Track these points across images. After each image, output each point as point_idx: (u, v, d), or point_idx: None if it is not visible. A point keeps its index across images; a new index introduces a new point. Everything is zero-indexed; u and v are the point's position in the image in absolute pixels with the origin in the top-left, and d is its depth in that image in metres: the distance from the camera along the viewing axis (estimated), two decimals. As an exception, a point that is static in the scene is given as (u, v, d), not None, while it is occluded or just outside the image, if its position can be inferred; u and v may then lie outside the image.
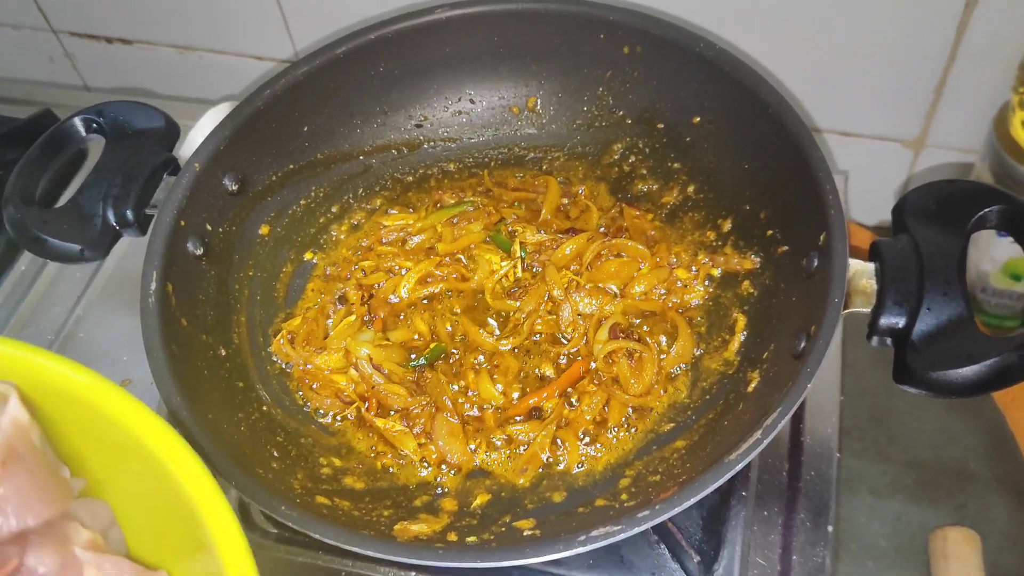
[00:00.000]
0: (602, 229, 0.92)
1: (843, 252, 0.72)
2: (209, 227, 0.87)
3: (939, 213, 0.72)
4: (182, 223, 0.83)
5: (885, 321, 0.70)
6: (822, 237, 0.74)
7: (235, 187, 0.89)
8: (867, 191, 1.10)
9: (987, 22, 0.92)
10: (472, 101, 1.00)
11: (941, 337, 0.67)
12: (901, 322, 0.69)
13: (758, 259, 0.85)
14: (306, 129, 0.94)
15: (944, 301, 0.68)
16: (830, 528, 0.82)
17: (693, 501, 0.64)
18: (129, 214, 0.83)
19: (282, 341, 0.88)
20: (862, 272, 0.73)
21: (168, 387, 0.72)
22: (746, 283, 0.86)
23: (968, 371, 0.65)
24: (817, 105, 1.06)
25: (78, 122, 0.88)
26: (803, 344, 0.72)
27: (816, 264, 0.75)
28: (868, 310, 0.71)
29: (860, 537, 0.98)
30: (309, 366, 0.86)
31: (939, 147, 1.07)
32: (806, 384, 0.67)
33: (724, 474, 0.65)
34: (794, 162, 0.79)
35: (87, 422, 0.63)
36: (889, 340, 0.70)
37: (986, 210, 0.71)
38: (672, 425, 0.81)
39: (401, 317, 0.89)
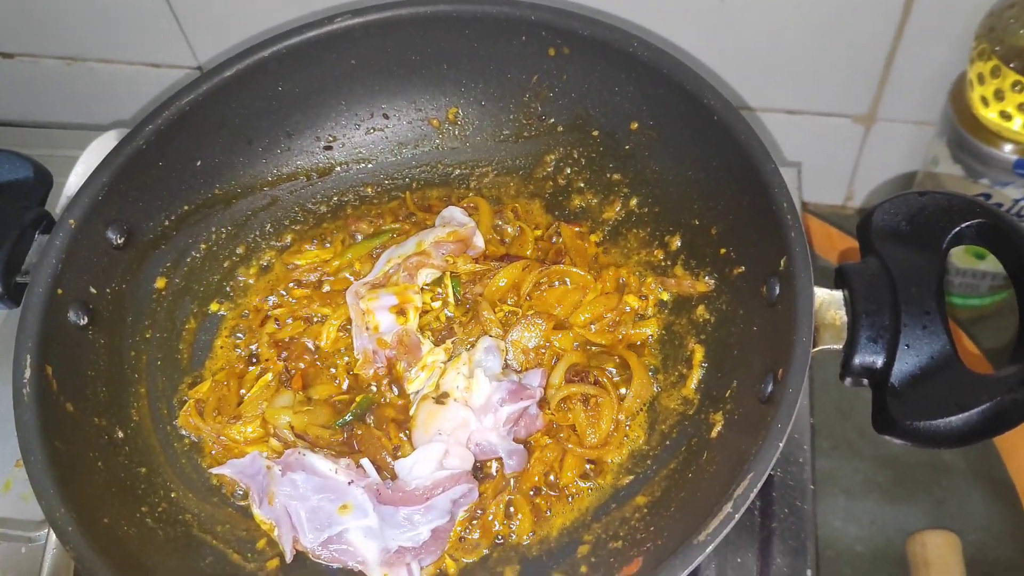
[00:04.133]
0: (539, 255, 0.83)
1: (808, 283, 0.64)
2: (93, 290, 0.76)
3: (911, 231, 0.65)
4: (59, 291, 0.73)
5: (860, 360, 0.62)
6: (783, 262, 0.67)
7: (120, 240, 0.79)
8: (817, 170, 1.05)
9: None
10: (386, 116, 0.90)
11: (924, 379, 0.60)
12: (879, 361, 0.62)
13: (712, 281, 0.78)
14: (199, 163, 0.84)
15: (925, 336, 0.61)
16: (809, 573, 0.75)
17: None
18: (-4, 285, 0.73)
19: (190, 411, 0.78)
20: (829, 302, 0.65)
21: (50, 498, 0.63)
22: (701, 308, 0.78)
23: (958, 420, 0.58)
24: (760, 83, 1.00)
25: (-70, 178, 0.78)
26: (770, 387, 0.64)
27: (778, 292, 0.68)
28: (839, 346, 0.64)
29: (836, 543, 0.94)
30: (222, 439, 0.77)
31: (891, 121, 1.02)
32: (778, 442, 0.59)
33: (694, 558, 0.57)
34: (745, 174, 0.72)
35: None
36: (865, 381, 0.63)
37: (963, 225, 0.64)
38: (631, 478, 0.74)
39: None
